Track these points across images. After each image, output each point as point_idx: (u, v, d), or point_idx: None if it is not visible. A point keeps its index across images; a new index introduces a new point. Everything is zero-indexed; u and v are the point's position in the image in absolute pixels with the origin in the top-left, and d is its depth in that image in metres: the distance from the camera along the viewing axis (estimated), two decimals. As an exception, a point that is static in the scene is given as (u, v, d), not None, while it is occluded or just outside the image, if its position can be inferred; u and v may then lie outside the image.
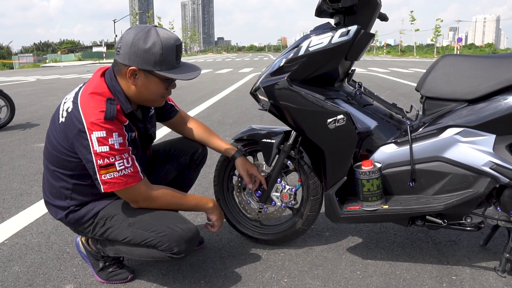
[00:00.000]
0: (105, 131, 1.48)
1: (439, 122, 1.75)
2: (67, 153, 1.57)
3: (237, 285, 1.78)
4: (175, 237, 1.57)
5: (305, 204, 2.00)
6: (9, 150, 4.36)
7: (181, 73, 1.56)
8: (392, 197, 1.82)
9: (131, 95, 1.59)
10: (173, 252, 1.58)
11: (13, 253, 2.07)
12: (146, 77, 1.54)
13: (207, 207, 1.77)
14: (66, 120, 1.54)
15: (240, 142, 2.06)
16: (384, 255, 1.99)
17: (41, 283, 1.80)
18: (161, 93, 1.61)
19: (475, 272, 1.83)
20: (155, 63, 1.50)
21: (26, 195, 2.94)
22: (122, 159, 1.51)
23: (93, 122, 1.47)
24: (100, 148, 1.47)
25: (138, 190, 1.58)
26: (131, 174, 1.54)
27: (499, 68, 1.67)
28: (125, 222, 1.63)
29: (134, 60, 1.50)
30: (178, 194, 1.70)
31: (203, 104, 7.43)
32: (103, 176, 1.50)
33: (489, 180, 1.66)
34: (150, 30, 1.51)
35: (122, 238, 1.64)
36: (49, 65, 36.97)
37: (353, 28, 1.71)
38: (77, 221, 1.68)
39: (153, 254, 1.62)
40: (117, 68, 1.57)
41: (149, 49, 1.48)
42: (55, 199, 1.69)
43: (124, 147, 1.53)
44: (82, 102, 1.52)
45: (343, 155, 1.79)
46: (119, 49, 1.53)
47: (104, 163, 1.49)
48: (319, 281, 1.79)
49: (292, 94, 1.77)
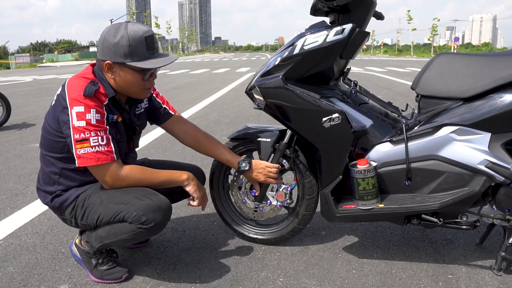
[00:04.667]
0: (83, 106, 1.58)
1: (434, 120, 1.75)
2: (55, 133, 1.67)
3: (232, 284, 1.77)
4: (142, 206, 1.61)
5: (300, 203, 1.99)
6: (5, 150, 4.34)
7: (153, 62, 1.64)
8: (387, 196, 1.82)
9: (114, 87, 1.70)
10: (141, 222, 1.61)
11: (7, 253, 2.06)
12: (121, 69, 1.64)
13: (181, 179, 1.77)
14: (55, 102, 1.67)
15: (235, 141, 2.05)
16: (380, 254, 1.99)
17: (35, 284, 1.79)
18: (140, 84, 1.69)
19: (471, 271, 1.83)
20: (125, 55, 1.60)
21: (22, 195, 2.93)
22: (97, 136, 1.60)
23: (74, 98, 1.59)
24: (78, 122, 1.57)
25: (109, 169, 1.64)
26: (104, 151, 1.61)
27: (494, 67, 1.67)
28: (98, 199, 1.69)
29: (107, 55, 1.62)
30: (149, 170, 1.73)
31: (200, 104, 7.42)
32: (78, 150, 1.59)
33: (485, 178, 1.66)
34: (121, 25, 1.62)
35: (96, 217, 1.68)
36: (46, 65, 36.86)
37: (348, 27, 1.70)
38: (61, 205, 1.76)
39: (125, 229, 1.64)
40: (99, 64, 1.69)
41: (118, 43, 1.59)
42: (44, 184, 1.78)
43: (101, 125, 1.62)
44: (69, 83, 1.65)
45: (339, 154, 1.79)
46: (97, 46, 1.67)
47: (79, 137, 1.58)
48: (315, 280, 1.78)
49: (287, 93, 1.77)
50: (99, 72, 1.69)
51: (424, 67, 1.82)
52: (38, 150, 4.18)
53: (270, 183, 1.94)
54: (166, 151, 4.02)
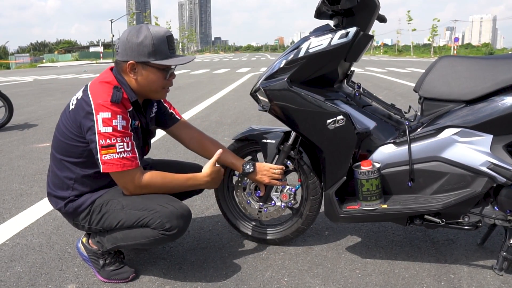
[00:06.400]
0: (110, 112, 1.60)
1: (437, 122, 1.77)
2: (75, 138, 1.67)
3: (238, 284, 1.79)
4: (166, 213, 1.64)
5: (304, 204, 2.02)
6: (8, 150, 4.36)
7: (176, 60, 1.69)
8: (391, 196, 1.84)
9: (135, 88, 1.72)
10: (165, 229, 1.63)
11: (14, 253, 2.08)
12: (144, 68, 1.67)
13: (203, 181, 1.79)
14: (76, 107, 1.67)
15: (239, 143, 2.08)
16: (383, 254, 2.01)
17: (43, 283, 1.81)
18: (161, 83, 1.73)
19: (472, 271, 1.85)
20: (149, 54, 1.64)
21: (26, 195, 2.95)
22: (123, 142, 1.61)
23: (100, 104, 1.60)
24: (104, 128, 1.59)
25: (133, 175, 1.66)
26: (129, 158, 1.63)
27: (496, 69, 1.69)
28: (119, 205, 1.70)
29: (131, 55, 1.65)
30: (169, 175, 1.74)
31: (201, 104, 7.44)
32: (103, 156, 1.60)
33: (487, 179, 1.68)
34: (142, 27, 1.67)
35: (116, 222, 1.69)
36: (46, 65, 36.86)
37: (352, 30, 1.73)
38: (75, 210, 1.75)
39: (147, 234, 1.66)
40: (119, 66, 1.71)
41: (142, 42, 1.63)
42: (57, 189, 1.77)
43: (127, 131, 1.64)
44: (92, 88, 1.66)
45: (343, 155, 1.81)
46: (117, 49, 1.69)
47: (105, 143, 1.59)
48: (319, 280, 1.81)
49: (292, 95, 1.79)
50: (119, 76, 1.70)
51: (427, 69, 1.85)
52: (41, 150, 4.22)
53: (275, 184, 1.97)
54: (169, 152, 4.04)
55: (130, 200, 1.70)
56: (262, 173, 1.93)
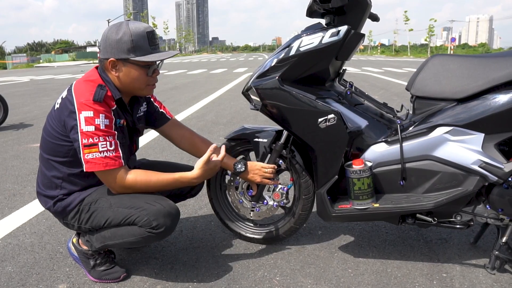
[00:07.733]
0: (92, 111, 1.59)
1: (428, 121, 1.77)
2: (60, 137, 1.67)
3: (229, 283, 1.79)
4: (153, 211, 1.63)
5: (297, 203, 2.01)
6: (2, 150, 4.34)
7: (155, 56, 1.66)
8: (383, 195, 1.84)
9: (118, 86, 1.70)
10: (152, 227, 1.62)
11: (6, 253, 2.07)
12: (125, 65, 1.66)
13: (189, 178, 1.72)
14: (60, 106, 1.67)
15: (232, 142, 2.07)
16: (376, 253, 2.01)
17: (34, 283, 1.80)
18: (144, 80, 1.70)
19: (465, 270, 1.85)
20: (129, 50, 1.62)
21: (19, 195, 2.94)
22: (105, 141, 1.60)
23: (82, 103, 1.59)
24: (87, 127, 1.58)
25: (116, 174, 1.65)
26: (112, 157, 1.62)
27: (487, 68, 1.69)
28: (107, 203, 1.70)
29: (111, 52, 1.64)
30: (155, 174, 1.71)
31: (197, 104, 7.43)
32: (86, 155, 1.59)
33: (478, 178, 1.68)
34: (122, 23, 1.65)
35: (104, 220, 1.69)
36: (43, 65, 36.79)
37: (343, 28, 1.73)
38: (64, 209, 1.75)
39: (134, 232, 1.66)
40: (101, 64, 1.70)
41: (121, 39, 1.61)
42: (46, 189, 1.77)
43: (110, 130, 1.63)
44: (76, 87, 1.65)
45: (334, 154, 1.81)
46: (99, 47, 1.73)
47: (88, 142, 1.58)
48: (311, 279, 1.80)
49: (283, 93, 1.79)
50: (103, 74, 1.70)
51: (419, 68, 1.84)
52: (36, 150, 4.20)
53: (267, 183, 1.96)
54: (164, 151, 4.03)
55: (118, 198, 1.69)
56: (254, 172, 1.92)
